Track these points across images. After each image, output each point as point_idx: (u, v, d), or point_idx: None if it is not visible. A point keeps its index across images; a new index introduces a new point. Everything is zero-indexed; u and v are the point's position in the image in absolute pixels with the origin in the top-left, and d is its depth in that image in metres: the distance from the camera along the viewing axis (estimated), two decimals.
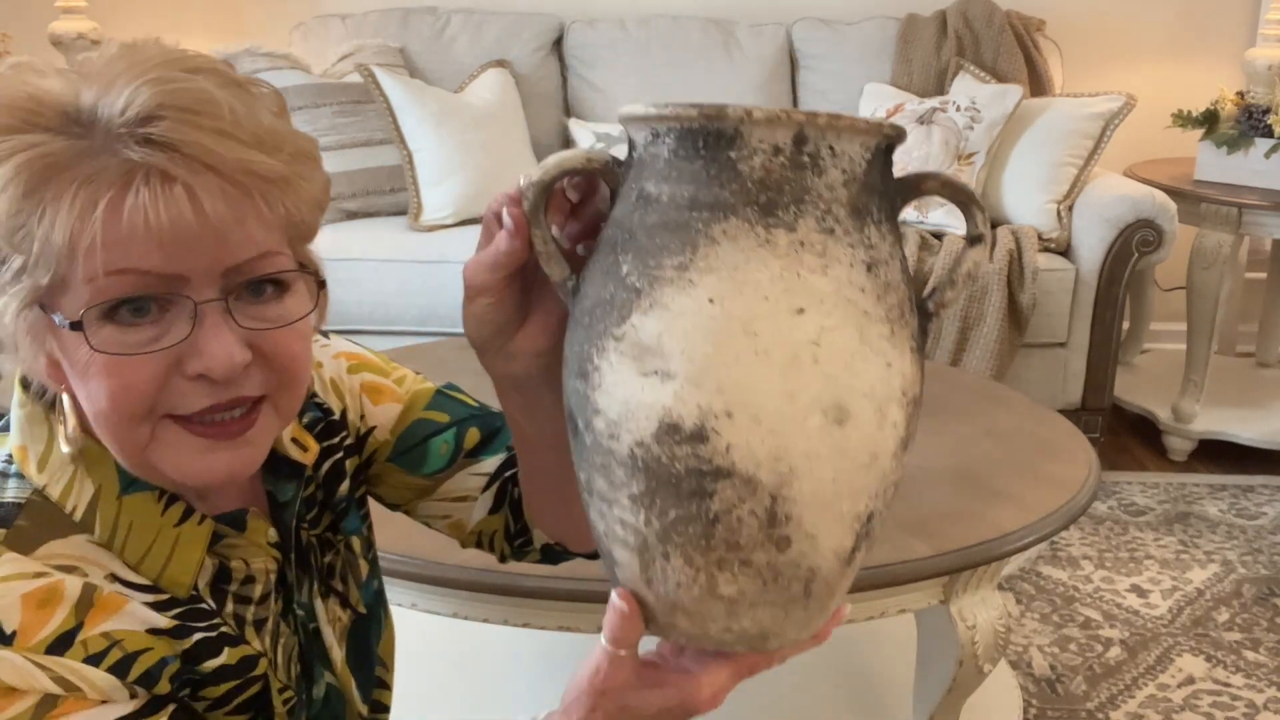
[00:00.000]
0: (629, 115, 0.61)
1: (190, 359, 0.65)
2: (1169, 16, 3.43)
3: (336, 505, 0.86)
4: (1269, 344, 3.34)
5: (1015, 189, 2.96)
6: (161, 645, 0.68)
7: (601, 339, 0.60)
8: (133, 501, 0.70)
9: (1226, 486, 2.85)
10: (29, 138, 0.62)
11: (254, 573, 0.76)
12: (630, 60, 3.28)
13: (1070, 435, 1.79)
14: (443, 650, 1.90)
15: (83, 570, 0.67)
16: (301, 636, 0.81)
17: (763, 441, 0.56)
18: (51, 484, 0.69)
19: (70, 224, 0.61)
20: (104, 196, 0.61)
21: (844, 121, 0.58)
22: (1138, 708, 2.00)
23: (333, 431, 0.86)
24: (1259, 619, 2.28)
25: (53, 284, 0.63)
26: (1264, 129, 2.82)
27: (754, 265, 0.57)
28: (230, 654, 0.72)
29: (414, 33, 3.28)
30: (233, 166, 0.63)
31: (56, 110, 0.63)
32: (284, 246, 0.69)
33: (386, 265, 2.84)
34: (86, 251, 0.61)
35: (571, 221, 0.67)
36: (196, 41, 3.24)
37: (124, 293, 0.63)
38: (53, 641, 0.64)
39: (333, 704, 0.84)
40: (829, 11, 3.35)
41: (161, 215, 0.61)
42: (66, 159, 0.62)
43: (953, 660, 1.54)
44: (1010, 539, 1.48)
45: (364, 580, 0.88)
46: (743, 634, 0.63)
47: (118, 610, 0.66)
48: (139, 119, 0.62)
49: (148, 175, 0.62)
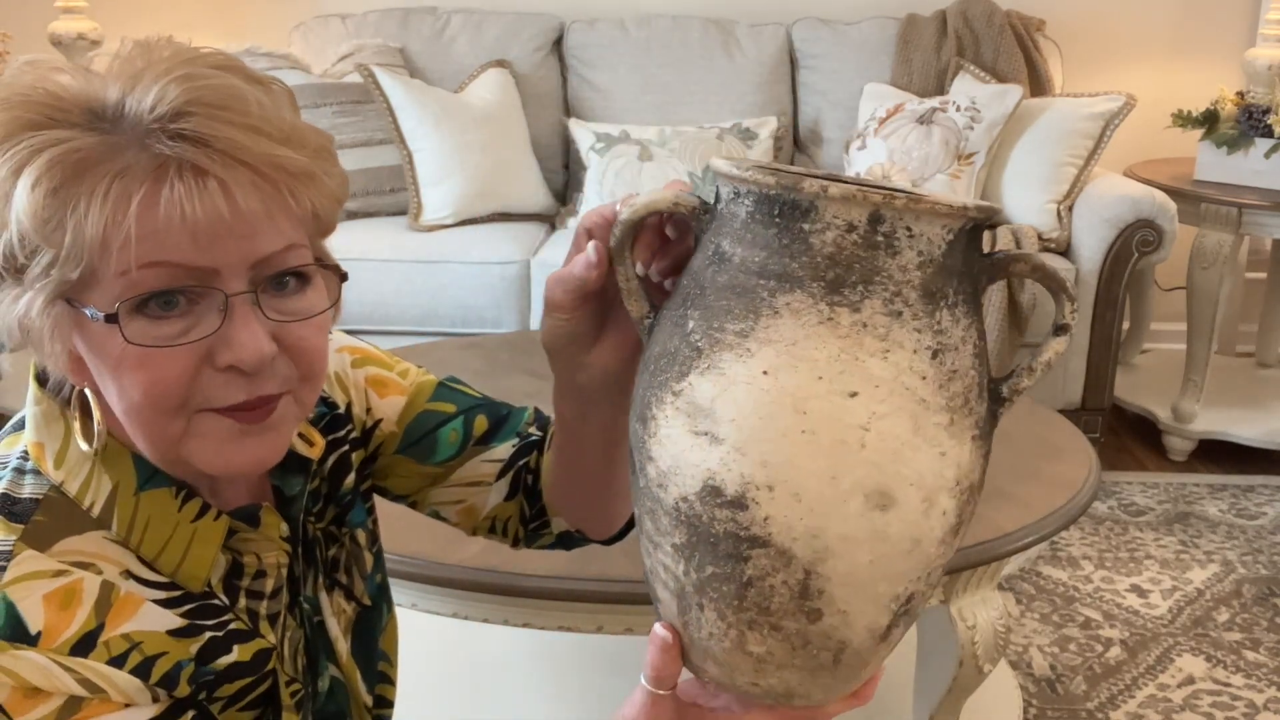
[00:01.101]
0: (716, 170, 0.61)
1: (221, 350, 0.65)
2: (1169, 16, 3.43)
3: (342, 498, 0.87)
4: (1269, 344, 3.34)
5: (1015, 189, 2.96)
6: (177, 648, 0.68)
7: (661, 390, 0.60)
8: (150, 497, 0.70)
9: (1226, 486, 2.85)
10: (56, 134, 0.62)
11: (265, 567, 0.77)
12: (630, 60, 3.28)
13: (1070, 435, 1.79)
14: (443, 650, 1.90)
15: (98, 567, 0.67)
16: (307, 629, 0.81)
17: (801, 519, 0.56)
18: (69, 480, 0.69)
19: (104, 217, 0.61)
20: (138, 190, 0.61)
21: (924, 204, 0.56)
22: (1138, 708, 2.00)
23: (338, 425, 0.86)
24: (1259, 619, 2.28)
25: (82, 278, 0.63)
26: (1264, 129, 2.82)
27: (813, 342, 0.56)
28: (242, 650, 0.73)
29: (414, 33, 3.28)
30: (263, 161, 0.64)
31: (80, 106, 0.63)
32: (305, 240, 0.69)
33: (386, 265, 2.84)
34: (120, 245, 0.61)
35: (661, 258, 0.67)
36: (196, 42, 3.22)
37: (157, 286, 0.63)
38: (76, 643, 0.64)
39: (337, 697, 0.84)
40: (829, 11, 3.35)
41: (196, 208, 0.62)
42: (98, 154, 0.62)
43: (953, 660, 1.54)
44: (1010, 539, 1.48)
45: (368, 573, 0.89)
46: (769, 690, 0.63)
47: (136, 611, 0.67)
48: (170, 115, 0.62)
49: (180, 169, 0.62)
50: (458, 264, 2.85)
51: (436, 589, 1.42)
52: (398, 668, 0.92)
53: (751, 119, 3.15)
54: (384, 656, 0.90)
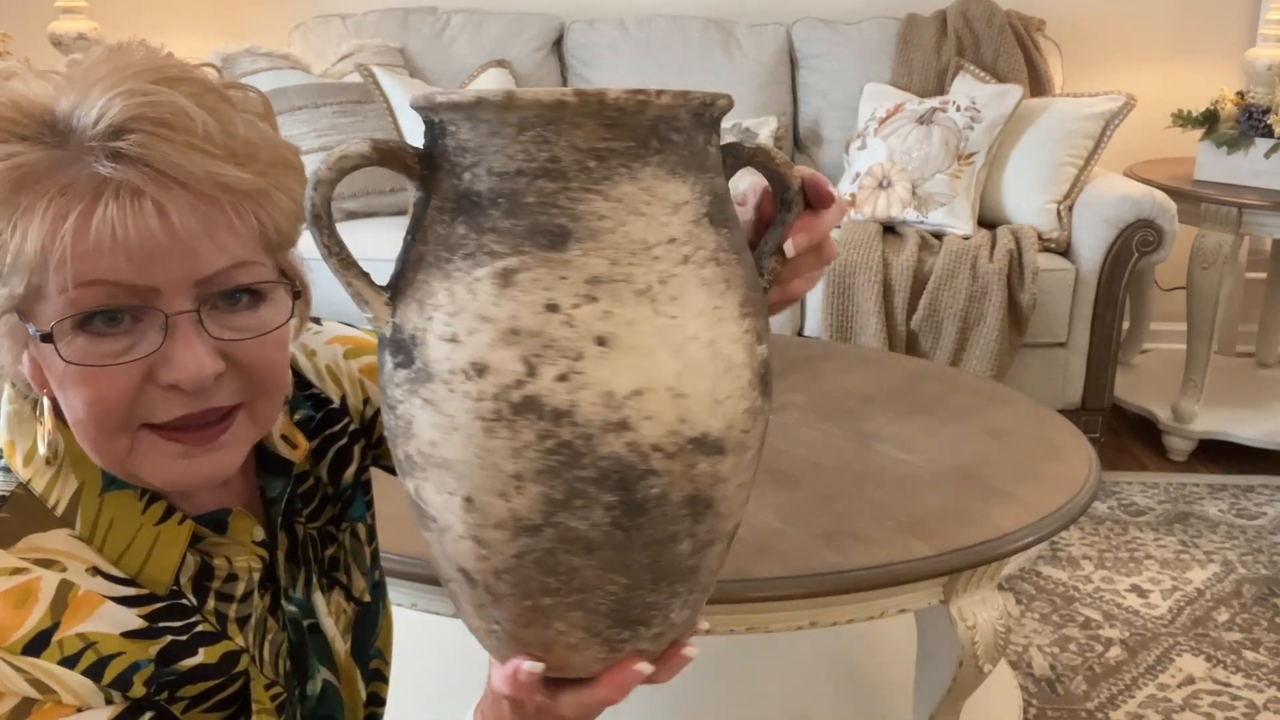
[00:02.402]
0: None
1: (162, 369, 0.65)
2: (1169, 16, 3.43)
3: (343, 493, 0.86)
4: (1269, 344, 3.34)
5: (1015, 189, 2.96)
6: (134, 649, 0.68)
7: None
8: (114, 499, 0.70)
9: (1226, 486, 2.85)
10: (6, 148, 0.62)
11: (236, 571, 0.76)
12: (630, 60, 3.28)
13: (1070, 435, 1.79)
14: (443, 650, 1.90)
15: (62, 564, 0.67)
16: (291, 633, 0.81)
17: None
18: (36, 479, 0.70)
19: (42, 236, 0.61)
20: (74, 209, 0.62)
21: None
22: (1138, 708, 2.00)
23: (333, 420, 0.86)
24: (1259, 619, 2.28)
25: (28, 293, 0.63)
26: (1264, 129, 2.82)
27: None
28: (208, 653, 0.72)
29: (414, 33, 3.28)
30: (202, 180, 0.64)
31: (37, 118, 0.63)
32: (261, 256, 0.69)
33: (386, 265, 2.82)
34: (57, 263, 0.62)
35: None
36: (196, 41, 3.24)
37: (96, 304, 0.63)
38: (29, 641, 0.64)
39: (329, 701, 0.84)
40: (829, 11, 3.35)
41: (129, 229, 0.62)
42: (41, 170, 0.62)
43: (953, 660, 1.54)
44: (1010, 539, 1.48)
45: (368, 569, 0.89)
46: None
47: (93, 611, 0.67)
48: (110, 132, 0.63)
49: (117, 189, 0.62)
50: None
51: (436, 589, 1.42)
52: (391, 665, 0.92)
53: (751, 119, 3.15)
54: (379, 654, 0.90)
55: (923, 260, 2.78)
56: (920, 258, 2.78)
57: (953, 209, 2.89)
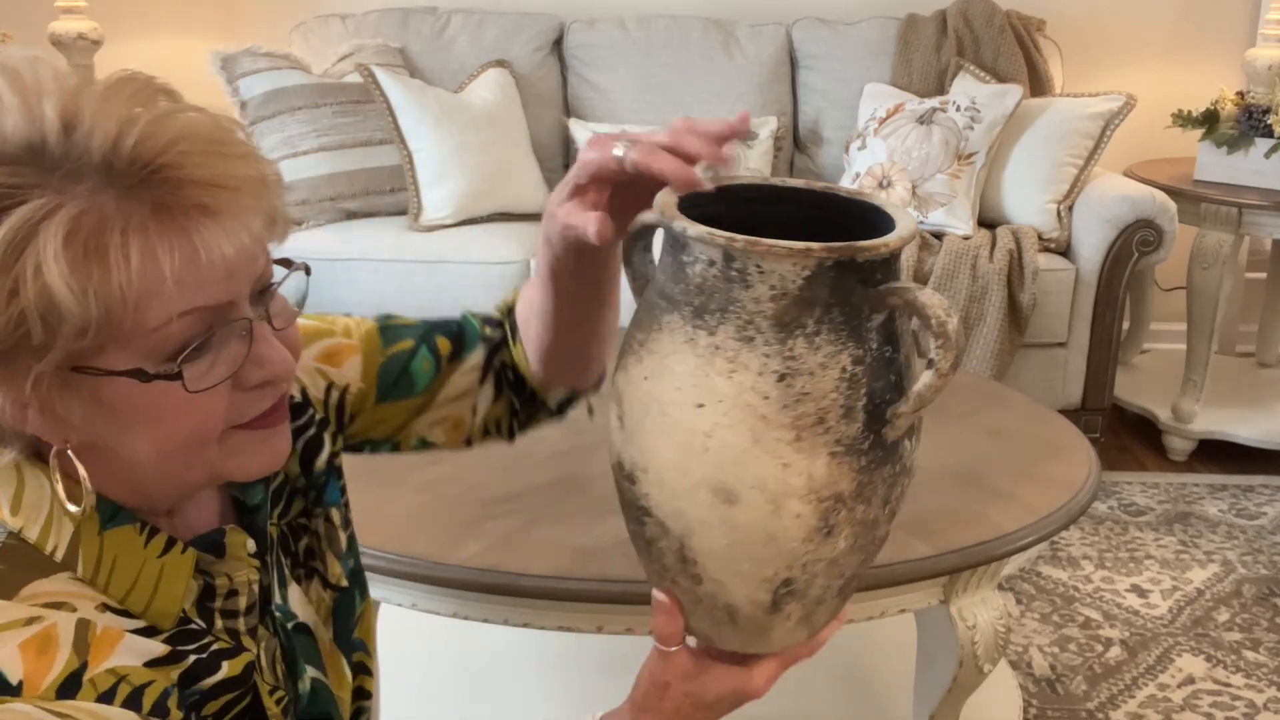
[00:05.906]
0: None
1: (251, 371, 0.67)
2: (1169, 16, 3.43)
3: (316, 480, 0.87)
4: (1269, 344, 3.34)
5: (1015, 189, 2.96)
6: (161, 676, 0.67)
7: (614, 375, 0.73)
8: (114, 536, 0.69)
9: (1226, 486, 2.85)
10: (47, 200, 0.59)
11: (237, 585, 0.76)
12: (630, 60, 3.28)
13: (1070, 435, 1.79)
14: (443, 650, 1.90)
15: (72, 605, 0.66)
16: (281, 637, 0.81)
17: (667, 500, 0.67)
18: (28, 526, 0.67)
19: (135, 274, 0.60)
20: (161, 245, 0.61)
21: (761, 247, 0.62)
22: (1138, 708, 2.00)
23: (298, 414, 0.87)
24: (1259, 619, 2.28)
25: (96, 343, 0.61)
26: (1264, 129, 2.82)
27: (677, 357, 0.65)
28: (231, 665, 0.72)
29: (414, 33, 3.28)
30: (253, 182, 0.65)
31: (39, 148, 0.60)
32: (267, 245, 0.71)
33: (386, 265, 2.84)
34: (158, 300, 0.61)
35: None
36: (196, 41, 3.24)
37: (190, 332, 0.64)
38: (60, 685, 0.62)
39: (320, 698, 0.84)
40: (829, 11, 3.35)
41: (226, 248, 0.63)
42: (103, 213, 0.60)
43: (953, 660, 1.54)
44: (1010, 539, 1.48)
45: (343, 553, 0.89)
46: (697, 632, 0.75)
47: (115, 645, 0.66)
48: (150, 155, 0.61)
49: (188, 212, 0.62)
50: (458, 264, 2.85)
51: (436, 589, 1.41)
52: (376, 659, 0.92)
53: (751, 119, 3.15)
54: (362, 646, 0.89)
55: (923, 260, 2.78)
56: (920, 258, 2.78)
57: (953, 209, 2.89)
